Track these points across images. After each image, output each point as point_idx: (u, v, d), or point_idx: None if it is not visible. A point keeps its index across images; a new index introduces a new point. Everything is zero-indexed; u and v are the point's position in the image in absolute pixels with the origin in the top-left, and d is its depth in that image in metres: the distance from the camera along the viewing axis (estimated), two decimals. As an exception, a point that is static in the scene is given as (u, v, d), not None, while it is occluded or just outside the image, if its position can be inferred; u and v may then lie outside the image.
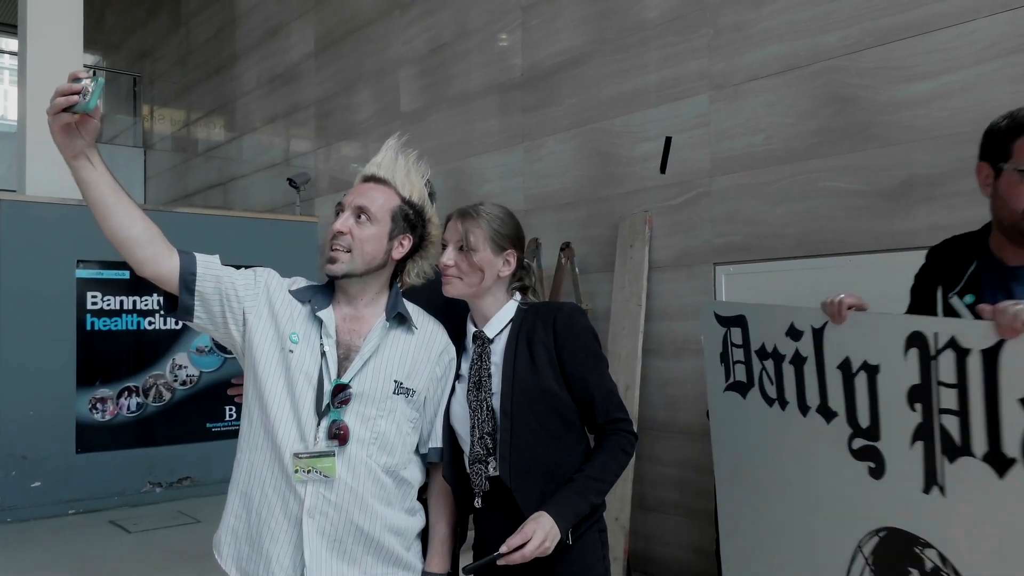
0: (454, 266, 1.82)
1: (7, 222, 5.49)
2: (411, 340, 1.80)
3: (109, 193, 1.63)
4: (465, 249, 1.82)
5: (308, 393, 1.68)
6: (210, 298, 1.72)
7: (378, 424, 1.72)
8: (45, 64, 6.21)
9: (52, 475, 5.46)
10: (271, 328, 1.73)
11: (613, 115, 4.31)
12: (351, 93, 6.62)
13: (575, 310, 1.88)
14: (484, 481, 1.79)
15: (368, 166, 1.84)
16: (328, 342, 1.72)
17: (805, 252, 3.41)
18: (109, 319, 5.79)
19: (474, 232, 1.83)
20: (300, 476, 1.65)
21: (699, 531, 3.75)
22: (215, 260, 1.75)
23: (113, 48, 12.49)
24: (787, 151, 3.51)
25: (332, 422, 1.67)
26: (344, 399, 1.69)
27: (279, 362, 1.70)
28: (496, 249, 1.85)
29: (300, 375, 1.69)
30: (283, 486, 1.67)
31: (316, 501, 1.66)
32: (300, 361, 1.70)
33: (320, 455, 1.66)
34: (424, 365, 1.80)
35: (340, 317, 1.77)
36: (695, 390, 3.81)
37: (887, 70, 3.18)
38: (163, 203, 10.19)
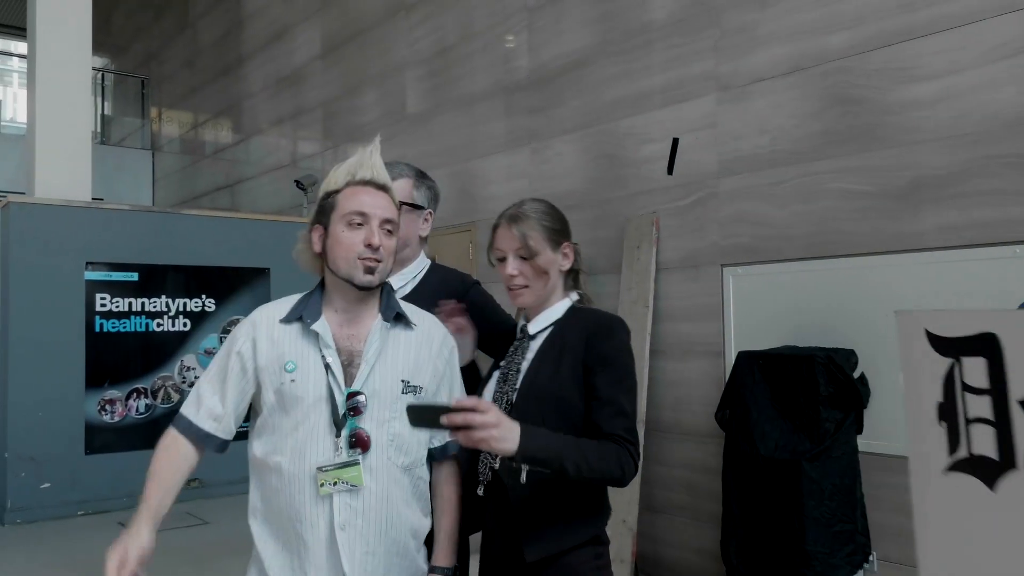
0: (520, 276, 1.77)
1: (17, 224, 5.52)
2: (411, 337, 1.79)
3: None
4: (528, 256, 1.77)
5: (321, 408, 1.69)
6: (237, 408, 1.77)
7: (393, 426, 1.72)
8: (54, 67, 6.24)
9: (61, 476, 5.48)
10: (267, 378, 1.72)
11: (619, 117, 4.31)
12: (357, 95, 6.63)
13: (617, 325, 1.80)
14: (488, 471, 1.78)
15: (365, 170, 1.81)
16: (329, 353, 1.71)
17: (813, 253, 3.41)
18: (118, 321, 5.82)
19: (531, 235, 1.78)
20: (326, 489, 1.65)
21: (706, 533, 3.75)
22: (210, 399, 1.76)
23: (121, 51, 12.55)
24: (794, 152, 3.51)
25: (351, 431, 1.68)
26: (357, 406, 1.69)
27: (278, 393, 1.70)
28: (554, 246, 1.81)
29: (308, 396, 1.69)
30: (313, 506, 1.66)
31: (346, 514, 1.66)
32: (304, 383, 1.69)
33: (345, 465, 1.66)
34: (427, 361, 1.80)
35: (336, 324, 1.75)
36: (702, 392, 3.81)
37: (893, 71, 3.18)
38: (171, 205, 10.23)
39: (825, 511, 2.86)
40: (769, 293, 3.56)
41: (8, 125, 12.71)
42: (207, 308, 6.07)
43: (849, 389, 2.97)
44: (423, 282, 2.23)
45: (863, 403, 3.03)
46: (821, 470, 2.89)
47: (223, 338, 6.08)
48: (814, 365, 2.99)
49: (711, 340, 3.79)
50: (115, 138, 12.28)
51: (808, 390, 3.00)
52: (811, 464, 2.89)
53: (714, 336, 3.78)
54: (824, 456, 2.90)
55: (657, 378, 4.00)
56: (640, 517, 3.91)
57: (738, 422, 3.18)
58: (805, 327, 3.36)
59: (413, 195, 2.23)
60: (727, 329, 3.72)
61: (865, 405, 3.06)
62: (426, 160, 5.76)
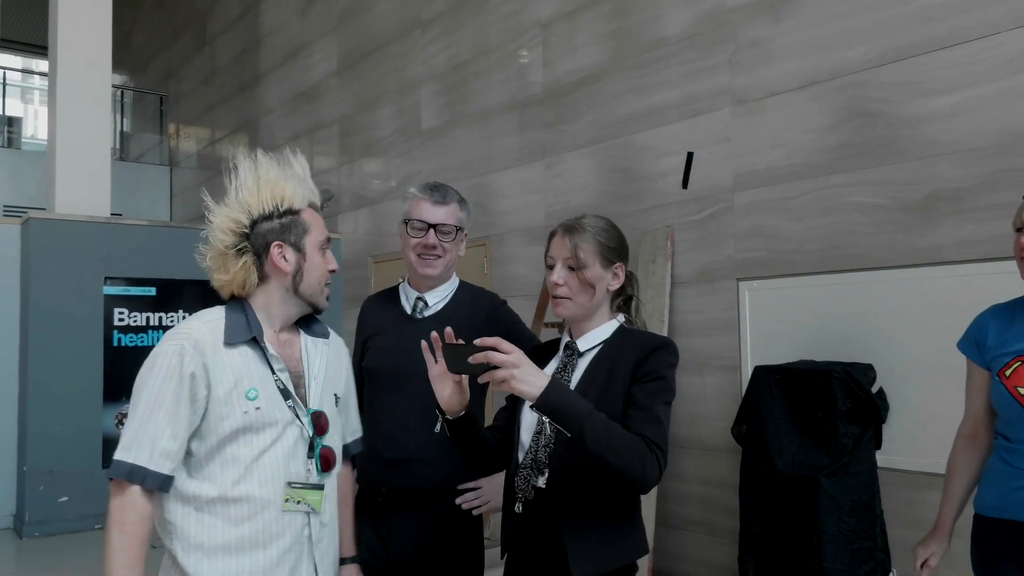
0: (564, 285, 1.76)
1: (37, 239, 5.59)
2: (327, 350, 1.82)
3: None
4: (576, 267, 1.76)
5: (289, 433, 1.65)
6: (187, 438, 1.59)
7: (334, 439, 1.76)
8: (74, 85, 6.33)
9: (79, 490, 5.52)
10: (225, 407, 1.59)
11: (633, 131, 4.32)
12: (373, 111, 6.68)
13: (666, 345, 1.79)
14: (530, 489, 1.75)
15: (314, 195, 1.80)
16: (284, 376, 1.67)
17: (828, 268, 3.39)
18: (135, 335, 5.86)
19: (583, 248, 1.76)
20: (289, 506, 1.62)
21: (723, 549, 3.71)
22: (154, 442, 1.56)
23: (140, 69, 12.71)
24: (809, 166, 3.50)
25: (320, 451, 1.69)
26: (324, 425, 1.71)
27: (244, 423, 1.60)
28: (605, 263, 1.78)
29: (274, 423, 1.63)
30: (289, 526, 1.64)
31: (318, 530, 1.70)
32: (269, 410, 1.63)
33: (312, 487, 1.66)
34: (339, 369, 1.85)
35: (276, 343, 1.71)
36: (719, 406, 3.79)
37: (909, 84, 3.17)
38: (188, 220, 10.32)
39: (844, 528, 2.83)
40: (785, 307, 3.54)
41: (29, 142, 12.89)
42: (224, 322, 6.09)
43: (867, 404, 2.95)
44: (454, 299, 2.26)
45: (882, 418, 3.01)
46: (840, 486, 2.86)
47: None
48: (831, 379, 2.97)
49: (727, 354, 3.77)
50: (134, 154, 12.42)
51: (826, 405, 2.98)
52: (829, 480, 2.87)
53: (730, 350, 3.76)
54: (842, 472, 2.88)
55: (673, 393, 3.98)
56: (656, 532, 3.89)
57: (755, 437, 3.16)
58: (822, 341, 3.34)
59: (460, 218, 2.24)
60: (743, 343, 3.70)
61: (884, 420, 3.03)
62: (441, 175, 5.78)
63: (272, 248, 1.67)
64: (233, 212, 1.70)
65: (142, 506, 1.54)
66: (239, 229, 1.68)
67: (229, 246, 1.68)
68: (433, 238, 2.16)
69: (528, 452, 1.77)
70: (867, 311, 3.23)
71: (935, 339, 2.99)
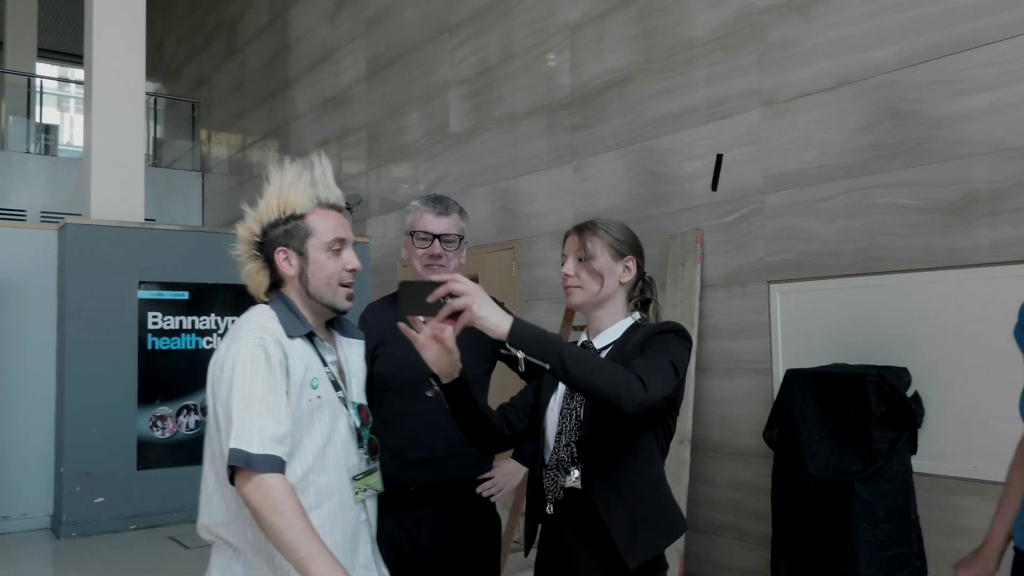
0: (574, 275, 1.84)
1: (73, 244, 5.69)
2: (355, 345, 1.92)
3: None
4: (584, 258, 1.83)
5: (341, 422, 1.77)
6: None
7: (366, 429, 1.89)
8: (109, 93, 6.44)
9: (114, 491, 5.60)
10: (295, 395, 1.68)
11: (661, 133, 4.30)
12: (401, 115, 6.72)
13: (672, 325, 1.81)
14: (559, 489, 1.77)
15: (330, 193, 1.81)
16: (335, 369, 1.80)
17: (861, 270, 3.35)
18: (169, 338, 5.95)
19: (591, 240, 1.84)
20: (360, 496, 1.77)
21: (754, 554, 3.68)
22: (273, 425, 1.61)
23: (172, 76, 12.91)
24: (841, 167, 3.46)
25: (368, 439, 1.82)
26: (364, 416, 1.83)
27: (307, 410, 1.69)
28: (615, 255, 1.85)
29: (332, 411, 1.75)
30: (352, 518, 1.77)
31: (373, 516, 1.84)
32: (328, 399, 1.75)
33: (369, 472, 1.81)
34: (362, 365, 1.94)
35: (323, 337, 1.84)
36: (749, 410, 3.75)
37: (942, 84, 3.12)
38: (220, 225, 10.45)
39: (879, 534, 2.79)
40: (817, 310, 3.50)
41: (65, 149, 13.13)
42: (255, 326, 6.16)
43: (902, 408, 2.91)
44: None
45: (917, 422, 2.96)
46: (874, 491, 2.82)
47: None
48: (865, 383, 2.93)
49: (758, 358, 3.74)
50: (166, 160, 12.61)
51: (859, 409, 2.94)
52: (863, 485, 2.83)
53: (761, 354, 3.73)
54: (877, 477, 2.84)
55: (703, 396, 3.95)
56: (687, 537, 3.86)
57: (787, 441, 3.12)
58: (855, 345, 3.30)
59: (462, 227, 2.36)
60: (774, 347, 3.67)
61: (919, 425, 2.99)
62: (469, 179, 5.80)
63: (277, 254, 1.77)
64: (248, 222, 1.81)
65: (287, 487, 1.56)
66: (251, 238, 1.80)
67: (244, 254, 1.81)
68: (438, 248, 2.28)
69: (553, 453, 1.79)
70: (901, 314, 3.19)
71: (971, 342, 2.94)
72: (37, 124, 12.10)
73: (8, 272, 5.70)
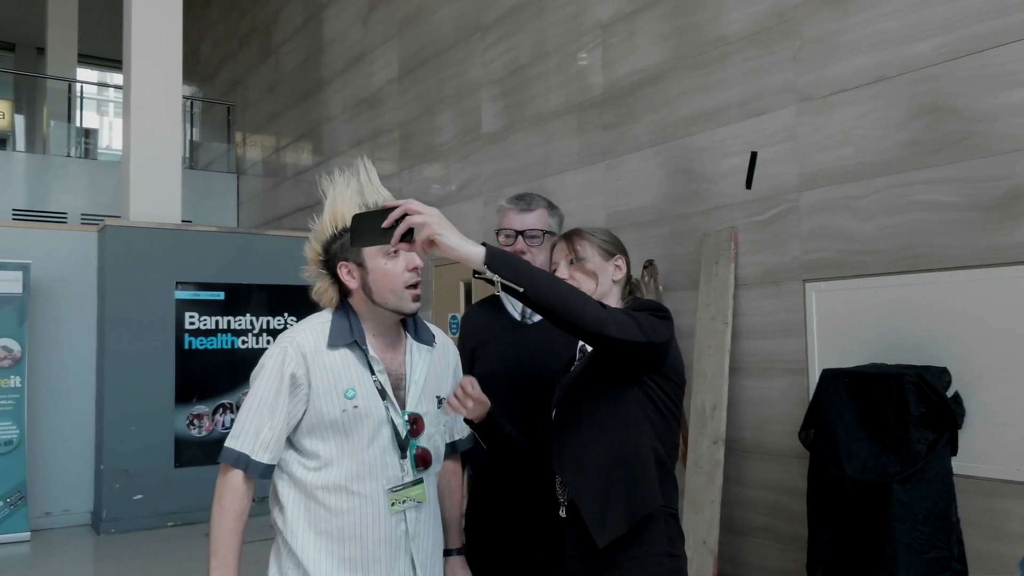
0: (569, 278, 1.87)
1: (112, 246, 5.79)
2: (435, 354, 1.90)
3: None
4: (575, 260, 1.89)
5: (384, 431, 1.76)
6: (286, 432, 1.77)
7: (435, 440, 1.87)
8: (147, 97, 6.56)
9: (152, 488, 5.70)
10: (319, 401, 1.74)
11: (695, 131, 4.26)
12: (433, 116, 6.75)
13: (650, 303, 1.84)
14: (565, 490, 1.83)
15: (375, 195, 1.84)
16: (383, 378, 1.78)
17: (901, 268, 3.29)
18: (205, 338, 6.03)
19: (580, 244, 1.92)
20: (397, 508, 1.75)
21: (789, 556, 3.63)
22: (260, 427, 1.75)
23: (208, 79, 13.09)
24: (879, 163, 3.40)
25: (415, 450, 1.79)
26: (417, 427, 1.80)
27: (340, 420, 1.73)
28: (605, 255, 1.92)
29: (371, 421, 1.75)
30: (387, 522, 1.75)
31: (415, 526, 1.79)
32: (367, 409, 1.74)
33: (412, 484, 1.77)
34: (446, 373, 1.93)
35: (379, 348, 1.82)
36: (784, 411, 3.71)
37: (985, 77, 3.05)
38: (255, 226, 10.58)
39: (919, 536, 2.74)
40: (854, 309, 3.45)
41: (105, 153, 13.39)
42: (289, 326, 6.23)
43: (942, 408, 2.85)
44: None
45: (957, 423, 2.90)
46: (913, 493, 2.77)
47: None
48: (904, 383, 2.87)
49: (793, 357, 3.69)
50: (202, 162, 12.80)
51: (898, 409, 2.88)
52: (902, 487, 2.78)
53: (796, 353, 3.68)
54: (916, 479, 2.78)
55: (737, 396, 3.91)
56: (721, 539, 3.82)
57: (823, 442, 3.08)
58: (893, 344, 3.24)
59: (549, 223, 2.40)
60: (810, 346, 3.62)
61: (960, 425, 2.93)
62: (501, 179, 5.81)
63: (340, 269, 1.81)
64: (312, 241, 1.86)
65: (239, 486, 1.75)
66: (316, 257, 1.85)
67: (313, 273, 1.87)
68: (522, 244, 2.31)
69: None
70: (941, 313, 3.12)
71: (1014, 341, 2.87)
72: (77, 128, 12.34)
73: (50, 273, 5.82)
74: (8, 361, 5.46)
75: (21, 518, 5.37)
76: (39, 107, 13.27)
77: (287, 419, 1.74)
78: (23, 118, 13.02)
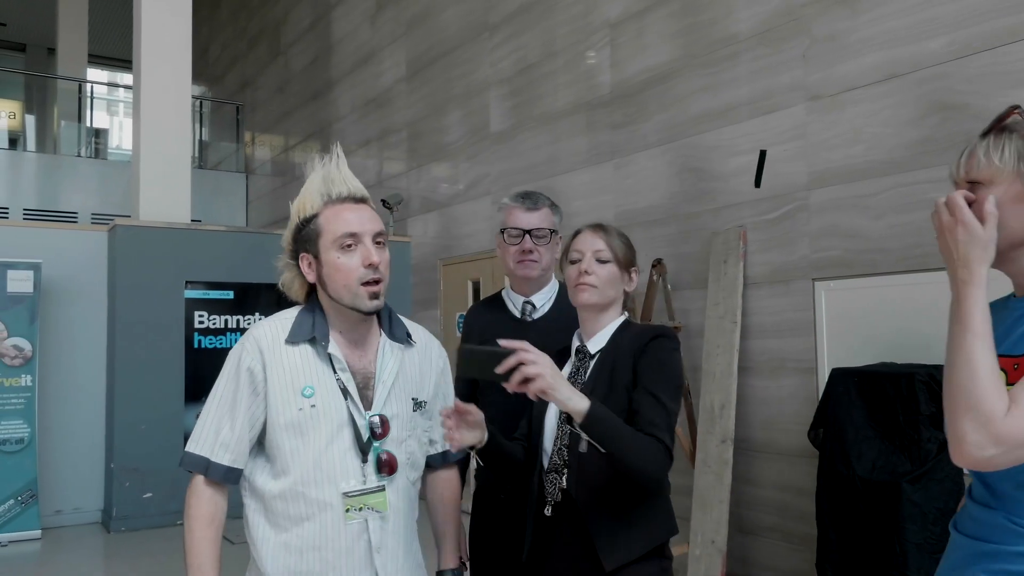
0: (594, 275, 1.84)
1: (122, 245, 5.82)
2: (413, 354, 1.77)
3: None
4: (603, 260, 1.85)
5: (345, 433, 1.63)
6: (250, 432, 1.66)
7: (409, 445, 1.71)
8: (157, 97, 6.58)
9: (162, 487, 5.72)
10: (276, 400, 1.63)
11: (704, 130, 4.25)
12: (441, 115, 6.75)
13: (667, 336, 1.83)
14: (557, 491, 1.79)
15: (339, 185, 1.69)
16: (345, 376, 1.65)
17: (910, 267, 3.28)
18: (214, 337, 6.05)
19: (613, 245, 1.87)
20: (352, 515, 1.61)
21: (799, 555, 3.62)
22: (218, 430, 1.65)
23: (217, 80, 13.13)
24: (889, 162, 3.39)
25: (378, 455, 1.64)
26: (381, 430, 1.65)
27: (295, 420, 1.62)
28: (627, 263, 1.90)
29: (330, 422, 1.62)
30: (346, 531, 1.62)
31: (380, 536, 1.65)
32: (325, 409, 1.62)
33: (372, 491, 1.63)
34: (428, 375, 1.80)
35: (344, 346, 1.69)
36: (793, 410, 3.69)
37: (996, 75, 3.04)
38: (264, 225, 10.61)
39: (929, 536, 2.72)
40: (864, 308, 3.43)
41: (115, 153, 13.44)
42: (298, 325, 6.25)
43: (953, 408, 2.83)
44: (558, 300, 2.35)
45: (968, 423, 2.88)
46: (923, 493, 2.76)
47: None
48: (914, 383, 2.86)
49: (802, 357, 3.68)
50: (211, 162, 12.84)
51: (908, 409, 2.87)
52: (912, 487, 2.76)
53: (806, 352, 3.67)
54: (926, 478, 2.77)
55: (746, 396, 3.90)
56: (730, 538, 3.82)
57: (833, 442, 3.07)
58: (903, 344, 3.23)
59: (553, 222, 2.37)
60: (819, 345, 3.61)
61: (971, 425, 2.91)
62: (509, 177, 5.81)
63: (301, 261, 1.70)
64: (285, 233, 1.76)
65: (203, 492, 1.64)
66: (287, 247, 1.74)
67: (283, 264, 1.76)
68: (529, 243, 2.29)
69: (551, 457, 1.83)
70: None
71: (1026, 341, 2.86)
72: (88, 128, 12.40)
73: (60, 272, 5.85)
74: (19, 360, 5.49)
75: (32, 516, 5.40)
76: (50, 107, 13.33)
77: (249, 418, 1.62)
78: (34, 118, 13.08)
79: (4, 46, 16.60)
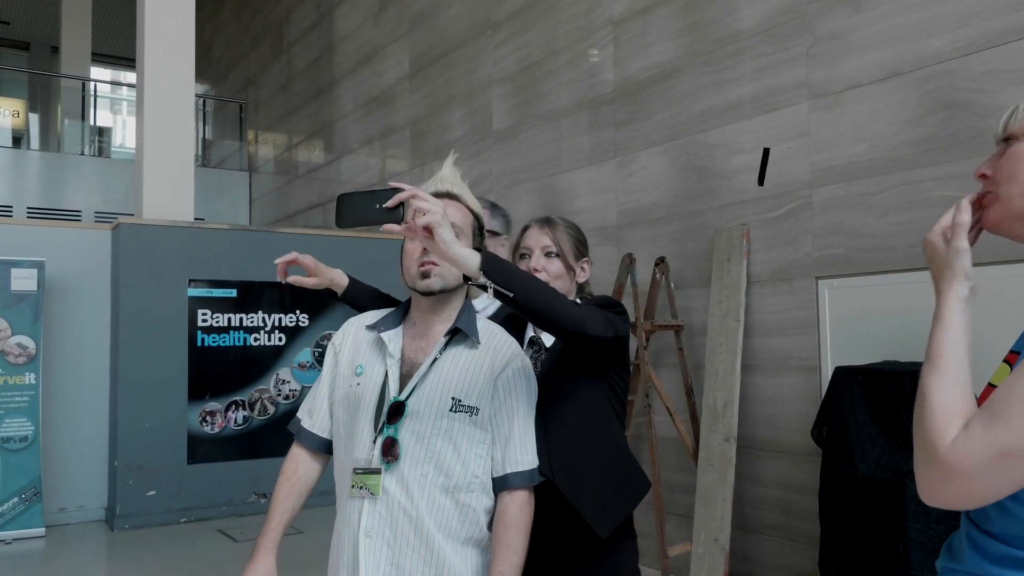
0: (543, 271, 1.89)
1: (126, 243, 5.82)
2: (473, 355, 1.71)
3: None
4: (553, 255, 1.91)
5: (370, 412, 1.71)
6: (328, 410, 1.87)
7: (433, 443, 1.65)
8: (160, 95, 6.58)
9: (165, 485, 5.72)
10: (341, 375, 1.82)
11: (707, 128, 4.25)
12: (444, 113, 6.75)
13: (609, 300, 1.89)
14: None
15: (437, 182, 1.85)
16: (391, 362, 1.73)
17: (914, 265, 3.27)
18: (218, 335, 6.06)
19: (560, 237, 1.93)
20: (354, 492, 1.68)
21: (802, 554, 3.62)
22: (313, 406, 1.87)
23: (221, 78, 13.14)
24: (892, 160, 3.38)
25: (385, 439, 1.66)
26: (395, 414, 1.66)
27: (347, 395, 1.77)
28: (577, 255, 1.95)
29: (365, 399, 1.73)
30: (349, 505, 1.71)
31: (372, 520, 1.64)
32: (366, 386, 1.74)
33: (371, 472, 1.65)
34: (483, 380, 1.70)
35: (410, 336, 1.77)
36: (797, 408, 3.69)
37: (1001, 73, 3.03)
38: (267, 224, 10.61)
39: (932, 535, 2.72)
40: (868, 306, 3.43)
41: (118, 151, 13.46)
42: (301, 323, 6.26)
43: (956, 407, 2.82)
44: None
45: (972, 421, 2.88)
46: (927, 491, 2.75)
47: (316, 352, 6.26)
48: (917, 381, 2.85)
49: (806, 355, 3.67)
50: (215, 160, 12.85)
51: (911, 407, 2.86)
52: (915, 485, 2.76)
53: (809, 351, 3.66)
54: (930, 477, 2.76)
55: (749, 394, 3.90)
56: (732, 536, 3.81)
57: (836, 440, 3.06)
58: (907, 342, 3.22)
59: (491, 223, 2.40)
60: (823, 344, 3.60)
61: (974, 424, 2.90)
62: (512, 176, 5.80)
63: None
64: None
65: (293, 451, 1.86)
66: None
67: None
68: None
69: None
70: (956, 310, 3.10)
71: (1030, 339, 2.85)
72: (91, 127, 12.41)
73: (64, 270, 5.86)
74: (23, 358, 5.50)
75: (36, 514, 5.41)
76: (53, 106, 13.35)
77: (329, 388, 1.83)
78: (37, 117, 13.09)
79: (8, 44, 16.63)
